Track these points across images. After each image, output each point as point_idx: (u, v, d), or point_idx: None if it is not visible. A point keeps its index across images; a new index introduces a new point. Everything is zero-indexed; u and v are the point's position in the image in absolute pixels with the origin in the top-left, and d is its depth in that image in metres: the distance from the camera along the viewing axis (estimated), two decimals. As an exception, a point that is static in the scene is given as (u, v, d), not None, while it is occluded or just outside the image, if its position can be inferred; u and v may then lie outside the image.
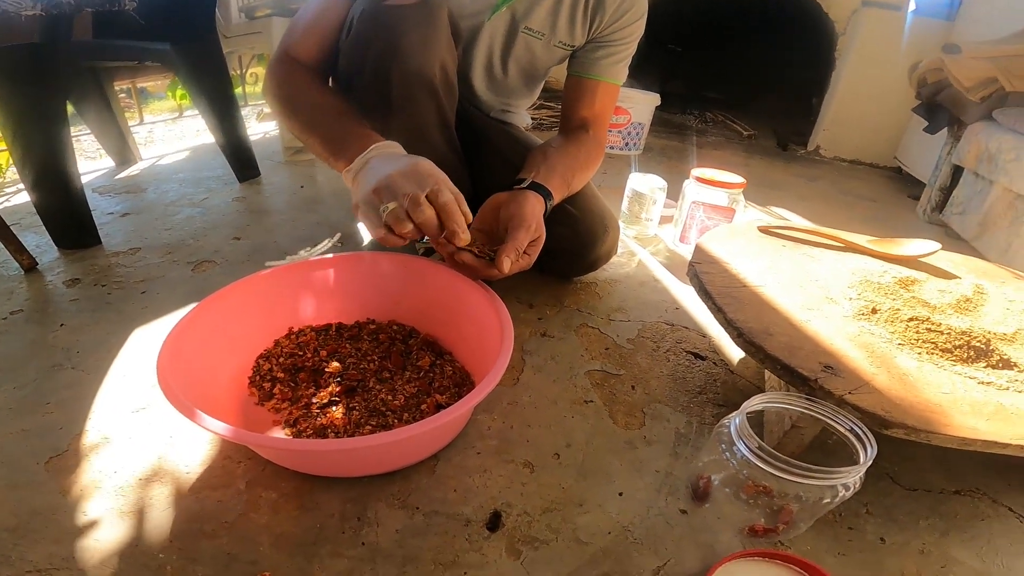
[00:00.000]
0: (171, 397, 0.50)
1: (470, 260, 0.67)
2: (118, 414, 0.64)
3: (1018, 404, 0.53)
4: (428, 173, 0.60)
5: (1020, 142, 1.29)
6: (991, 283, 0.82)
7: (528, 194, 0.74)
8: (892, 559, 0.52)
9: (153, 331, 0.79)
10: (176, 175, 1.44)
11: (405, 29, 0.75)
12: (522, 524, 0.52)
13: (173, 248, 1.04)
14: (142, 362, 0.72)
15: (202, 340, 0.63)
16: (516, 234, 0.68)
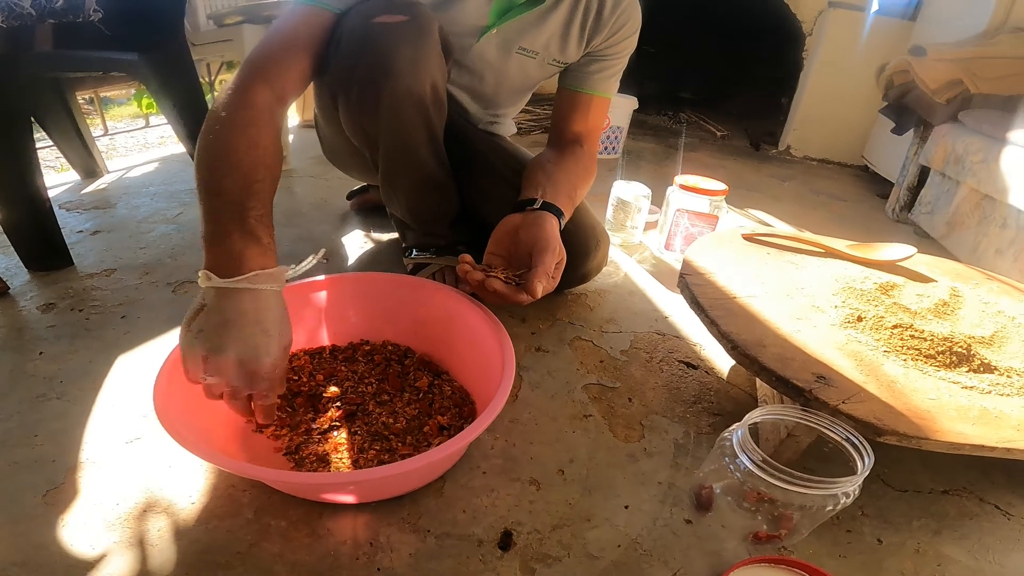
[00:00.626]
0: (174, 433, 0.50)
1: (500, 287, 0.67)
2: (111, 445, 0.63)
3: (1000, 407, 0.57)
4: (264, 375, 0.54)
5: (986, 144, 1.36)
6: (965, 285, 0.88)
7: (546, 215, 0.75)
8: (890, 559, 0.56)
9: (138, 358, 0.78)
10: (146, 189, 1.41)
11: (396, 47, 0.75)
12: (533, 542, 0.54)
13: (150, 268, 1.02)
14: (130, 391, 0.72)
15: None
16: (544, 258, 0.69)
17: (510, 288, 0.68)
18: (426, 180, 0.89)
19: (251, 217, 0.58)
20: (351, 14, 0.76)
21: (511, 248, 0.76)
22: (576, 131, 0.95)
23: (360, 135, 0.86)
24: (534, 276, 0.67)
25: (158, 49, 1.23)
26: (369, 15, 0.74)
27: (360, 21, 0.75)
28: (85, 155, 1.42)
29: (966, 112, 1.52)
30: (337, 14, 0.76)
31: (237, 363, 0.53)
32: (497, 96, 0.98)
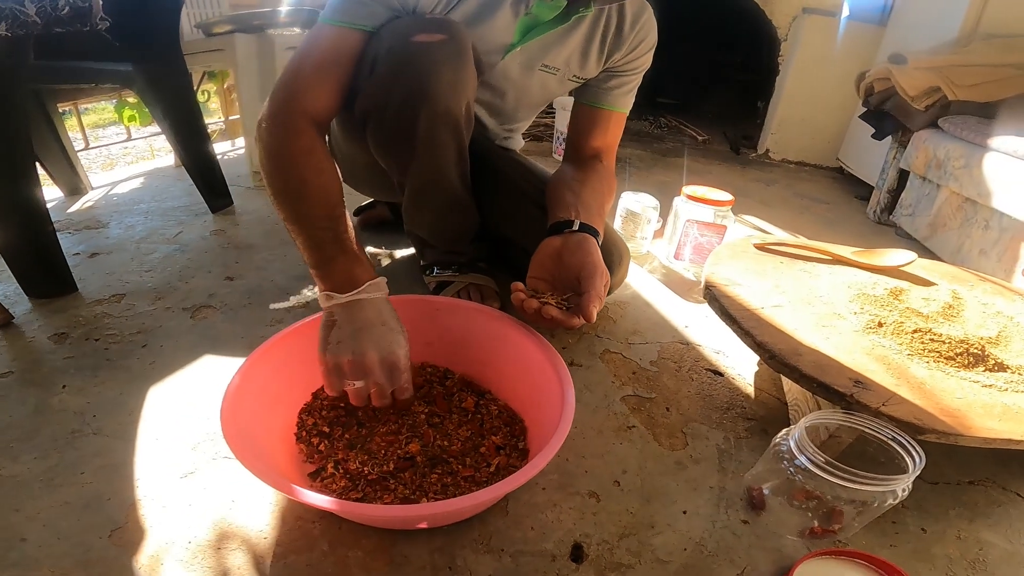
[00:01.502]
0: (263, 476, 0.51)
1: (557, 314, 0.71)
2: (166, 480, 0.64)
3: (1019, 403, 0.65)
4: (403, 367, 0.65)
5: (967, 149, 1.47)
6: (963, 287, 0.95)
7: (587, 237, 0.78)
8: (936, 546, 0.62)
9: (170, 389, 0.78)
10: (137, 206, 1.40)
11: (436, 68, 0.76)
12: (604, 552, 0.58)
13: (162, 293, 1.02)
14: (171, 423, 0.72)
15: (254, 403, 0.64)
16: (594, 281, 0.73)
17: (564, 313, 0.71)
18: (453, 202, 0.92)
19: (346, 240, 0.69)
20: (386, 33, 0.76)
21: (555, 272, 0.79)
22: (595, 147, 0.99)
23: (390, 157, 0.87)
24: (588, 301, 0.71)
25: (153, 59, 1.22)
26: (407, 34, 0.75)
27: (397, 40, 0.75)
28: (69, 171, 1.40)
29: (946, 119, 1.63)
30: (369, 33, 0.77)
31: (379, 360, 0.62)
32: (516, 112, 1.01)
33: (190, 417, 0.73)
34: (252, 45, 1.40)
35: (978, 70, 1.61)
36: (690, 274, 1.23)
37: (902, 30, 2.15)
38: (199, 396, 0.77)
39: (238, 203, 1.44)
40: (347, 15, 0.76)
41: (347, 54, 0.77)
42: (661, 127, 2.91)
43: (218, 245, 1.22)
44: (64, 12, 0.94)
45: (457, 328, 0.81)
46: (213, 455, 0.68)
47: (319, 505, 0.51)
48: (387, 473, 0.64)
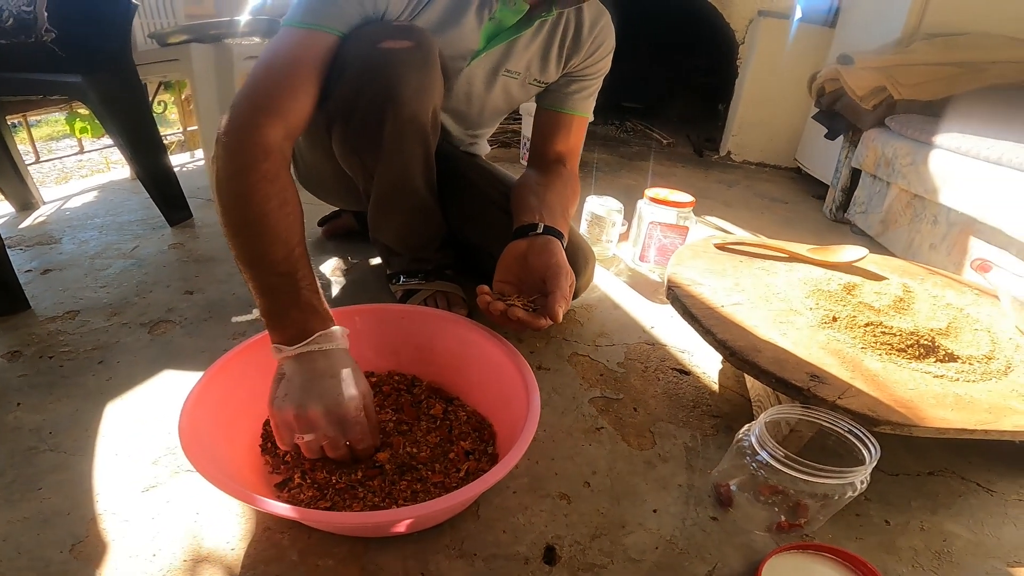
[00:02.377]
0: (223, 485, 0.51)
1: (523, 315, 0.71)
2: (127, 494, 0.63)
3: (970, 393, 0.67)
4: (352, 419, 0.60)
5: (914, 147, 1.53)
6: (913, 281, 0.99)
7: (553, 240, 0.79)
8: (901, 538, 0.64)
9: (129, 404, 0.77)
10: (91, 221, 1.36)
11: (403, 74, 0.76)
12: (576, 553, 0.59)
13: (118, 309, 0.99)
14: (130, 438, 0.71)
15: (214, 414, 0.64)
16: (559, 282, 0.73)
17: (531, 315, 0.72)
18: (419, 208, 0.92)
19: (303, 289, 0.63)
20: (355, 38, 0.75)
21: (520, 275, 0.79)
22: (559, 151, 1.01)
23: (356, 163, 0.87)
24: (554, 301, 0.71)
25: (104, 70, 1.19)
26: (374, 40, 0.75)
27: (366, 46, 0.74)
28: (19, 185, 1.35)
29: (892, 117, 1.70)
30: (339, 36, 0.74)
31: (324, 413, 0.58)
32: (481, 118, 1.02)
33: (150, 432, 0.72)
34: (209, 55, 1.38)
35: (921, 69, 1.68)
36: (655, 275, 1.26)
37: (849, 31, 2.22)
38: (159, 411, 0.76)
39: (198, 216, 1.41)
40: (317, 16, 0.73)
41: (318, 57, 0.72)
42: (627, 131, 2.96)
43: (177, 259, 1.19)
44: (8, 24, 0.92)
45: (424, 336, 0.81)
46: (175, 469, 0.67)
47: (280, 513, 0.50)
48: (355, 482, 0.64)
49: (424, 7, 0.82)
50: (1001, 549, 0.64)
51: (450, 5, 0.83)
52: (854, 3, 2.21)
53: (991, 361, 0.75)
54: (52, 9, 1.03)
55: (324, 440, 0.59)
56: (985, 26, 1.74)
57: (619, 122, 3.05)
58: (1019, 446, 0.79)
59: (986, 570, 0.61)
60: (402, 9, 0.80)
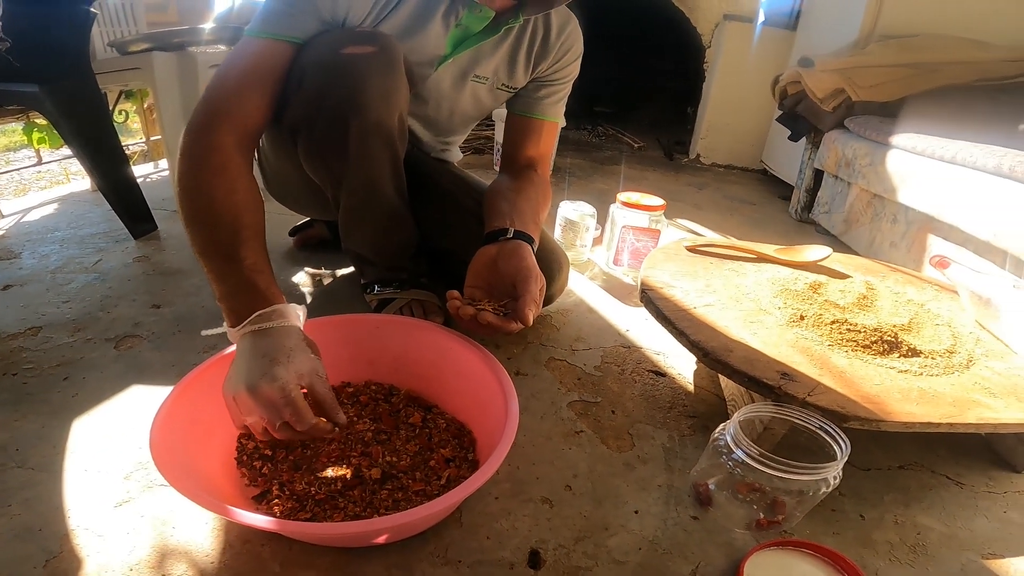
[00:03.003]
0: (196, 497, 0.51)
1: (493, 319, 0.72)
2: (99, 510, 0.62)
3: (934, 387, 0.70)
4: (279, 401, 0.57)
5: (872, 148, 1.58)
6: (875, 278, 1.03)
7: (522, 244, 0.80)
8: (876, 532, 0.66)
9: (96, 420, 0.75)
10: (52, 234, 1.32)
11: (366, 80, 0.76)
12: (561, 557, 0.59)
13: (82, 324, 0.97)
14: (99, 454, 0.70)
15: (187, 427, 0.63)
16: (529, 285, 0.74)
17: (501, 319, 0.73)
18: (391, 215, 0.92)
19: (245, 269, 0.65)
20: (314, 45, 0.77)
21: (491, 279, 0.80)
22: (529, 156, 1.02)
23: (323, 171, 0.87)
24: (524, 305, 0.73)
25: (61, 80, 1.17)
26: (335, 46, 0.76)
27: (326, 52, 0.76)
28: (-29, 201, 1.31)
29: (851, 119, 1.76)
30: (297, 45, 0.77)
31: (251, 394, 0.57)
32: (451, 124, 1.02)
33: (120, 447, 0.71)
34: (172, 63, 1.36)
35: (877, 70, 1.74)
36: (629, 279, 1.28)
37: (810, 34, 2.28)
38: (128, 426, 0.74)
39: (163, 227, 1.38)
40: (274, 27, 0.76)
41: (274, 66, 0.76)
42: (599, 136, 2.99)
43: (142, 272, 1.16)
44: (-40, 32, 0.89)
45: (400, 345, 0.81)
46: (147, 483, 0.66)
47: (256, 524, 0.50)
48: (335, 492, 0.63)
49: (388, 15, 0.82)
50: (975, 542, 0.66)
51: (415, 12, 0.84)
52: (814, 5, 2.27)
53: (953, 355, 0.78)
54: (7, 18, 1.01)
55: (262, 422, 0.58)
56: (937, 27, 1.81)
57: (591, 127, 3.09)
58: (984, 438, 0.83)
59: (961, 563, 0.63)
60: (364, 16, 0.81)
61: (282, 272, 1.19)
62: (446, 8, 0.84)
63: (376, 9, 0.81)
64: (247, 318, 0.62)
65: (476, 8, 0.84)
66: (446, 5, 0.84)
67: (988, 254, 1.19)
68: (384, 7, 0.82)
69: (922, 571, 0.62)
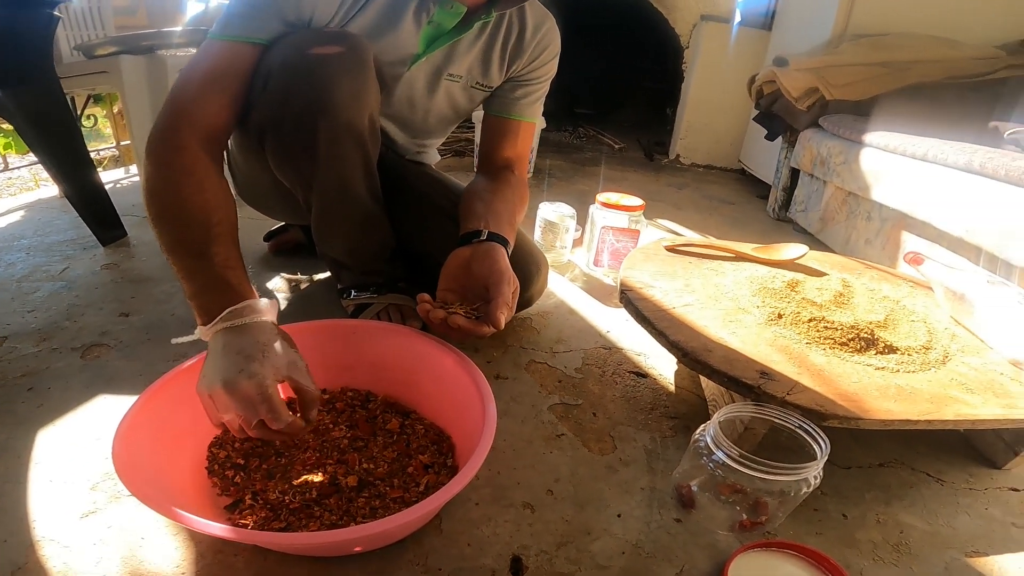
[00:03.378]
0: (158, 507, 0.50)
1: (464, 323, 0.71)
2: (65, 521, 0.60)
3: (911, 383, 0.71)
4: (255, 397, 0.56)
5: (846, 146, 1.60)
6: (851, 276, 1.04)
7: (495, 246, 0.79)
8: (859, 531, 0.66)
9: (62, 431, 0.73)
10: (17, 242, 1.28)
11: (334, 80, 0.75)
12: (543, 563, 0.59)
13: (47, 333, 0.94)
14: (65, 464, 0.68)
15: (153, 437, 0.61)
16: (501, 288, 0.73)
17: (473, 322, 0.72)
18: (364, 218, 0.91)
19: (216, 266, 0.64)
20: (280, 46, 0.76)
21: (464, 282, 0.79)
22: (506, 157, 1.01)
23: (292, 174, 0.86)
24: (496, 308, 0.71)
25: (25, 84, 1.13)
26: (302, 47, 0.75)
27: (292, 53, 0.75)
28: (-69, 209, 1.26)
29: (825, 117, 1.78)
30: (262, 47, 0.76)
31: (226, 392, 0.56)
32: (426, 124, 1.01)
33: (86, 457, 0.69)
34: (141, 67, 1.33)
35: (849, 69, 1.77)
36: (609, 280, 1.27)
37: (784, 33, 2.32)
38: (94, 436, 0.72)
39: (133, 234, 1.35)
40: (236, 29, 0.75)
41: (238, 68, 0.76)
42: (580, 137, 3.00)
43: (110, 280, 1.13)
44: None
45: (376, 350, 0.80)
46: (115, 494, 0.64)
47: (224, 536, 0.49)
48: (311, 500, 0.62)
49: (356, 14, 0.81)
50: (957, 539, 0.67)
51: (384, 10, 0.83)
52: (788, 5, 2.31)
53: (929, 351, 0.79)
54: (-35, 20, 0.98)
55: (239, 420, 0.57)
56: (907, 26, 1.85)
57: (572, 128, 3.10)
58: (963, 434, 0.83)
59: (945, 562, 0.64)
60: (331, 16, 0.80)
61: (257, 278, 1.17)
62: (417, 5, 0.83)
63: (344, 9, 0.80)
64: (218, 315, 0.61)
65: (448, 4, 0.83)
66: (417, 2, 0.83)
67: (961, 250, 1.21)
68: (352, 6, 0.81)
69: (906, 570, 0.62)
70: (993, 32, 1.88)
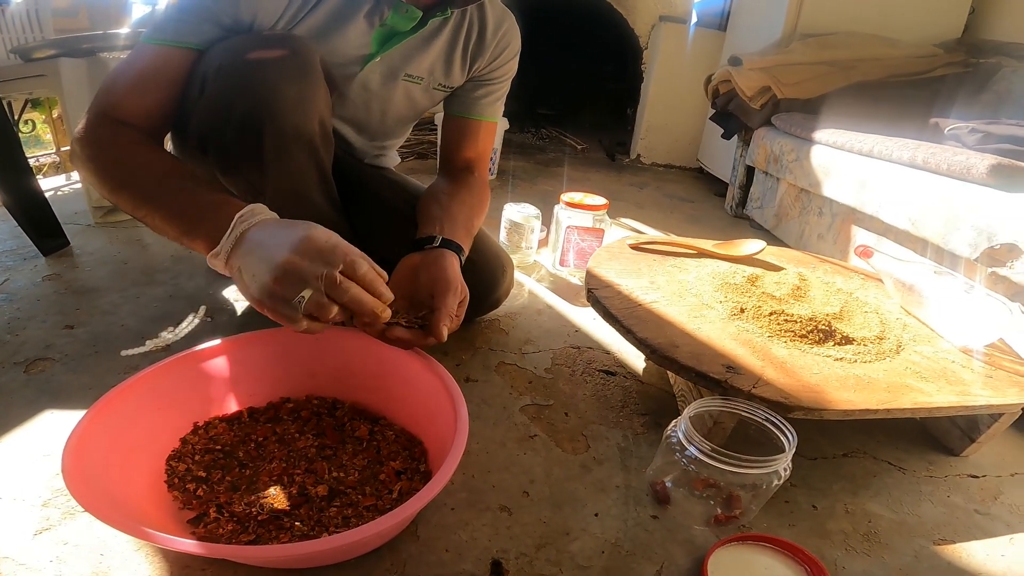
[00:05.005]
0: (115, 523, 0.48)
1: (403, 334, 0.68)
2: (18, 538, 0.58)
3: (869, 373, 0.74)
4: (332, 245, 0.56)
5: (797, 144, 1.66)
6: (806, 269, 1.08)
7: (445, 253, 0.77)
8: (830, 522, 0.68)
9: (7, 447, 0.70)
10: (-53, 255, 1.20)
11: (277, 84, 0.73)
12: (524, 566, 0.59)
13: (-13, 349, 0.89)
14: (13, 481, 0.65)
15: (106, 451, 0.59)
16: (445, 299, 0.71)
17: (414, 333, 0.70)
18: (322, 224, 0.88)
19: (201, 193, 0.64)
20: (216, 51, 0.73)
21: (412, 289, 0.77)
22: (467, 158, 1.01)
23: (241, 183, 0.82)
24: (438, 319, 0.69)
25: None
26: (240, 51, 0.72)
27: (230, 58, 0.72)
28: None
29: (777, 116, 1.84)
30: (195, 51, 0.74)
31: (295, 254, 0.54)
32: (383, 126, 0.99)
33: (35, 474, 0.66)
34: (81, 70, 1.27)
35: (799, 68, 1.84)
36: (575, 279, 1.29)
37: (738, 34, 2.38)
38: (42, 452, 0.69)
39: (76, 243, 1.28)
40: (170, 33, 0.73)
41: (170, 73, 0.73)
42: (543, 138, 3.02)
43: (53, 291, 1.08)
44: None
45: (340, 356, 0.78)
46: (68, 510, 0.61)
47: (188, 550, 0.47)
48: (280, 512, 0.60)
49: (305, 16, 0.80)
50: (923, 528, 0.69)
51: (335, 11, 0.81)
52: (742, 6, 2.37)
53: (883, 341, 0.83)
54: None
55: (320, 284, 0.54)
56: (851, 25, 1.93)
57: (535, 129, 3.12)
58: (919, 423, 0.87)
59: (914, 550, 0.66)
60: (275, 19, 0.78)
61: (211, 286, 1.13)
62: (370, 8, 0.82)
63: (291, 11, 0.78)
64: (228, 227, 0.59)
65: (402, 8, 0.82)
66: (370, 5, 0.82)
67: (908, 243, 1.27)
68: (300, 8, 0.79)
69: (878, 560, 0.64)
70: (932, 30, 1.98)
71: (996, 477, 0.79)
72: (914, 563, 0.64)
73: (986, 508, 0.73)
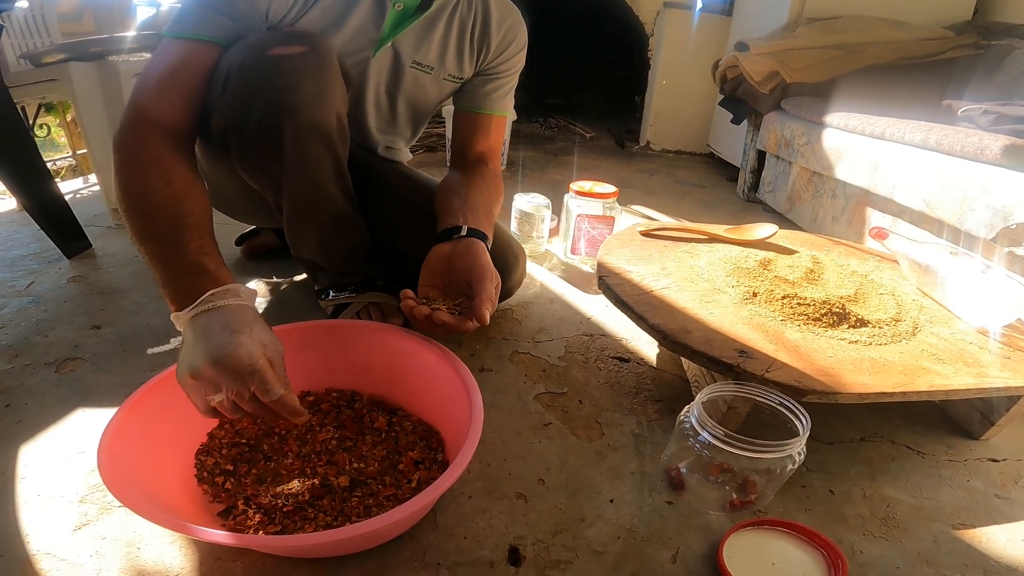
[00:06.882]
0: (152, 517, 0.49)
1: (448, 319, 0.70)
2: (57, 535, 0.59)
3: (884, 356, 0.73)
4: (247, 368, 0.55)
5: (808, 128, 1.64)
6: (820, 252, 1.07)
7: (475, 241, 0.79)
8: (847, 507, 0.67)
9: (44, 445, 0.72)
10: (-24, 259, 1.23)
11: (296, 80, 0.74)
12: (541, 552, 0.59)
13: (19, 349, 0.91)
14: (51, 478, 0.67)
15: (139, 446, 0.60)
16: (484, 284, 0.73)
17: (457, 318, 0.72)
18: (337, 218, 0.90)
19: (191, 252, 0.63)
20: (238, 48, 0.74)
21: (446, 278, 0.79)
22: (479, 151, 1.01)
23: (260, 177, 0.84)
24: (480, 304, 0.71)
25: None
26: (261, 48, 0.74)
27: (251, 55, 0.73)
28: None
29: (787, 100, 1.81)
30: (218, 46, 0.75)
31: (214, 365, 0.54)
32: (395, 118, 1.00)
33: (71, 470, 0.68)
34: (92, 73, 1.29)
35: (806, 52, 1.80)
36: (587, 267, 1.28)
37: (744, 19, 2.34)
38: (78, 449, 0.71)
39: (98, 245, 1.31)
40: (191, 27, 0.74)
41: (195, 66, 0.74)
42: (551, 128, 3.01)
43: (79, 293, 1.10)
44: None
45: (358, 349, 0.79)
46: (105, 505, 0.63)
47: (215, 540, 0.49)
48: (304, 503, 0.62)
49: (312, 5, 0.81)
50: (943, 512, 0.68)
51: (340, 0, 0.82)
52: (746, -10, 2.33)
53: (899, 323, 0.82)
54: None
55: (230, 394, 0.56)
56: (858, 9, 1.89)
57: (543, 119, 3.10)
58: (938, 406, 0.86)
59: (933, 534, 0.65)
60: (286, 11, 0.79)
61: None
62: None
63: (299, 3, 0.79)
64: (197, 299, 0.59)
65: None
66: None
67: (923, 224, 1.25)
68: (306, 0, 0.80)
69: (896, 544, 0.63)
70: (941, 13, 1.94)
71: (1017, 461, 0.78)
72: (933, 548, 0.63)
73: (1007, 492, 0.72)
